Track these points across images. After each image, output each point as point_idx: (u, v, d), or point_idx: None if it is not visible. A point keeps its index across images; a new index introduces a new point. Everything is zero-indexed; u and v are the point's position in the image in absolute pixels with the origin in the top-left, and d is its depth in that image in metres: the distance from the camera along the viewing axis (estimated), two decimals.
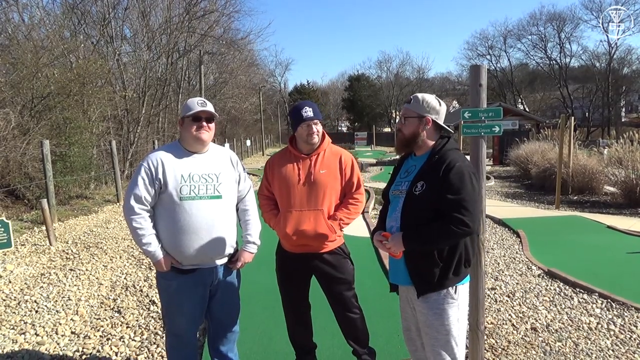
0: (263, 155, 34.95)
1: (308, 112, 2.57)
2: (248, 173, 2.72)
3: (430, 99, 2.18)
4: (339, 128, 66.65)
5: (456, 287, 2.10)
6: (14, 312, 4.16)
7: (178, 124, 2.47)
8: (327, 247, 2.65)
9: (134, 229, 2.29)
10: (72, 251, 6.31)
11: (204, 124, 2.36)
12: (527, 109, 44.87)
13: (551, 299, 4.30)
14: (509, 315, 3.94)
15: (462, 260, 2.09)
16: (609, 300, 4.16)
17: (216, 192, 2.38)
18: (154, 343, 3.53)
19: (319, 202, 2.60)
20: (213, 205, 2.36)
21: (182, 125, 2.41)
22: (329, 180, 2.62)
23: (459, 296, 2.11)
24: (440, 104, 2.19)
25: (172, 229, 2.32)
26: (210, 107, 2.40)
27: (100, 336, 3.67)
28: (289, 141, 2.75)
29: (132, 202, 2.28)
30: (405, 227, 2.09)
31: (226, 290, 2.51)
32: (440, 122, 2.17)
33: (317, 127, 2.60)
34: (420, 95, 2.19)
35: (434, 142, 2.17)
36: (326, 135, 2.71)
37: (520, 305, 4.17)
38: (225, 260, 2.49)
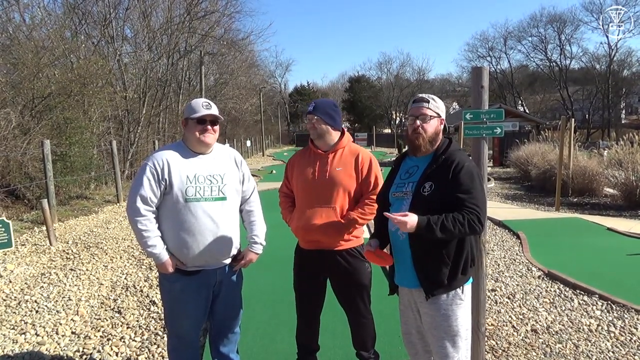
0: (263, 155, 34.90)
1: (311, 105, 2.61)
2: None
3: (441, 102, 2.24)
4: None
5: (463, 287, 2.10)
6: (15, 312, 4.16)
7: (182, 124, 2.45)
8: (341, 245, 2.60)
9: (139, 230, 2.25)
10: (72, 251, 6.31)
11: (209, 127, 2.32)
12: (527, 111, 44.87)
13: (551, 300, 4.30)
14: (509, 316, 3.95)
15: (469, 259, 2.10)
16: (609, 302, 4.16)
17: (221, 193, 2.36)
18: (155, 343, 3.53)
19: (332, 200, 2.57)
20: (218, 207, 2.35)
21: (185, 126, 2.38)
22: (344, 178, 2.58)
23: (466, 296, 2.12)
24: None
25: (177, 230, 2.30)
26: (215, 110, 2.36)
27: (101, 336, 3.67)
28: (309, 139, 2.75)
29: (138, 203, 2.23)
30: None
31: (229, 291, 2.50)
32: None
33: (317, 124, 2.56)
34: (434, 96, 2.20)
35: (438, 143, 2.18)
36: (346, 133, 2.69)
37: (520, 306, 4.17)
38: (229, 261, 2.47)
